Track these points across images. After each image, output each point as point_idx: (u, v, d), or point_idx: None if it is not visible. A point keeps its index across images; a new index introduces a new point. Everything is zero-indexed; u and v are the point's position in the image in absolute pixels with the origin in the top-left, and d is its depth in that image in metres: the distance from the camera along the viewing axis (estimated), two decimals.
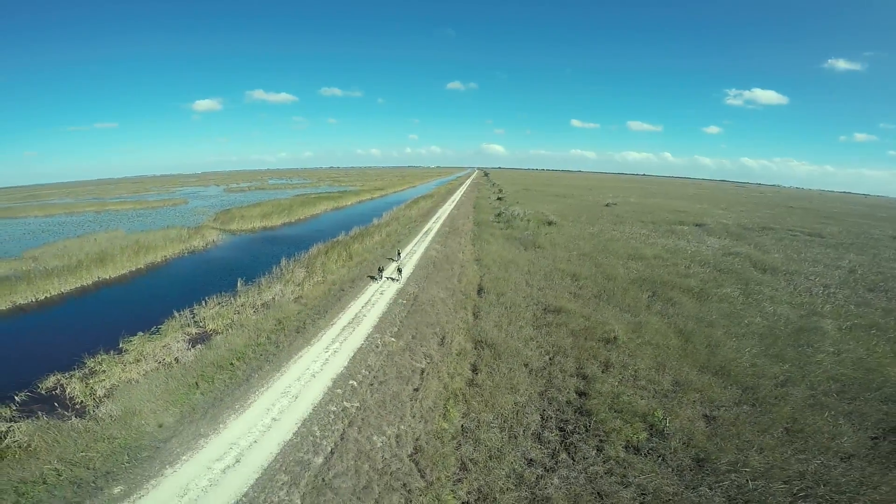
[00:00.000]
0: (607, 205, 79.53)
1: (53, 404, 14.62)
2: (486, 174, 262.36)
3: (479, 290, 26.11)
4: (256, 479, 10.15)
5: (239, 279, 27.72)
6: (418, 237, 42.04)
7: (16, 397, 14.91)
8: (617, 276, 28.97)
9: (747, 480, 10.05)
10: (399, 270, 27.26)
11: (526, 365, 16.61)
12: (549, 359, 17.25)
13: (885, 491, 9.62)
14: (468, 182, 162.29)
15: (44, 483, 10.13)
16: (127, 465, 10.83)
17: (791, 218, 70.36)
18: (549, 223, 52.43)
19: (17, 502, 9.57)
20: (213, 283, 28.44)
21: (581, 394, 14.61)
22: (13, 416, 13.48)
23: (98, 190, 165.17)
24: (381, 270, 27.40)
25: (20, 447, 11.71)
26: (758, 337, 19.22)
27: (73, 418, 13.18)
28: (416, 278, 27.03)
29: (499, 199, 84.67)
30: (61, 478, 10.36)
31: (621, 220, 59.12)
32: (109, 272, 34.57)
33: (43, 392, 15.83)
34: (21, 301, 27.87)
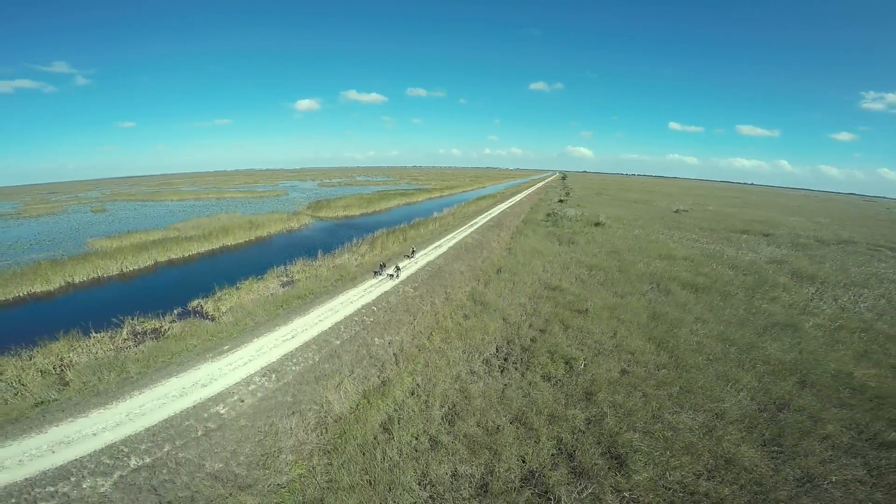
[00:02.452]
0: (676, 211, 77.60)
1: (195, 314, 23.50)
2: (563, 177, 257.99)
3: (498, 270, 31.33)
4: (299, 346, 17.30)
5: (319, 250, 36.45)
6: (462, 228, 48.01)
7: (174, 310, 24.06)
8: (631, 270, 32.01)
9: (606, 410, 13.70)
10: (398, 268, 28.29)
11: (504, 319, 21.81)
12: (526, 318, 22.18)
13: (711, 445, 11.88)
14: (540, 185, 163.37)
15: (186, 350, 18.05)
16: (234, 339, 18.53)
17: (891, 233, 62.67)
18: (597, 224, 54.83)
19: (171, 358, 17.45)
20: (301, 251, 37.40)
21: (533, 340, 19.41)
22: (172, 320, 22.42)
23: (216, 181, 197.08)
24: (409, 257, 32.84)
25: (174, 335, 20.15)
26: (725, 324, 21.66)
27: (207, 321, 21.65)
28: (446, 257, 33.17)
29: (560, 201, 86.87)
30: (196, 346, 18.27)
31: (680, 226, 58.86)
32: (230, 241, 46.32)
33: (189, 308, 24.94)
34: (173, 256, 39.73)
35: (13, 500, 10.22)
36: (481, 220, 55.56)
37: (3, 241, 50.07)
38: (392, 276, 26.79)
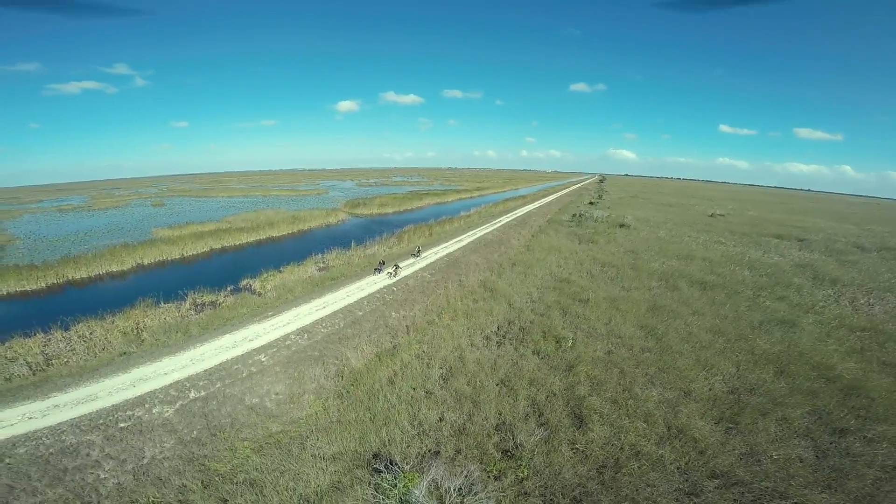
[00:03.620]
0: (711, 215, 75.75)
1: (245, 291, 27.30)
2: (601, 180, 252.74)
3: (512, 264, 33.38)
4: (328, 315, 20.53)
5: (353, 241, 40.16)
6: (486, 226, 50.15)
7: (227, 287, 27.99)
8: (643, 268, 33.03)
9: (581, 379, 15.55)
10: (396, 266, 28.49)
11: (510, 304, 23.96)
12: (530, 304, 24.21)
13: (669, 416, 13.21)
14: (574, 188, 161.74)
15: (237, 316, 21.56)
16: (276, 308, 21.91)
17: None
18: (622, 225, 55.27)
19: (225, 322, 20.93)
20: (337, 243, 41.04)
21: (532, 322, 21.46)
22: (226, 295, 26.27)
23: (263, 179, 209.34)
24: (414, 256, 33.50)
25: (227, 305, 23.85)
26: (721, 318, 22.68)
27: (254, 296, 25.29)
28: (465, 250, 35.58)
29: (591, 203, 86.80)
30: (245, 313, 21.80)
31: (710, 229, 58.00)
32: (275, 233, 51.09)
33: (240, 286, 28.85)
34: (226, 245, 44.67)
35: (101, 421, 13.64)
36: (506, 219, 57.45)
37: (80, 229, 57.70)
38: (391, 274, 27.52)
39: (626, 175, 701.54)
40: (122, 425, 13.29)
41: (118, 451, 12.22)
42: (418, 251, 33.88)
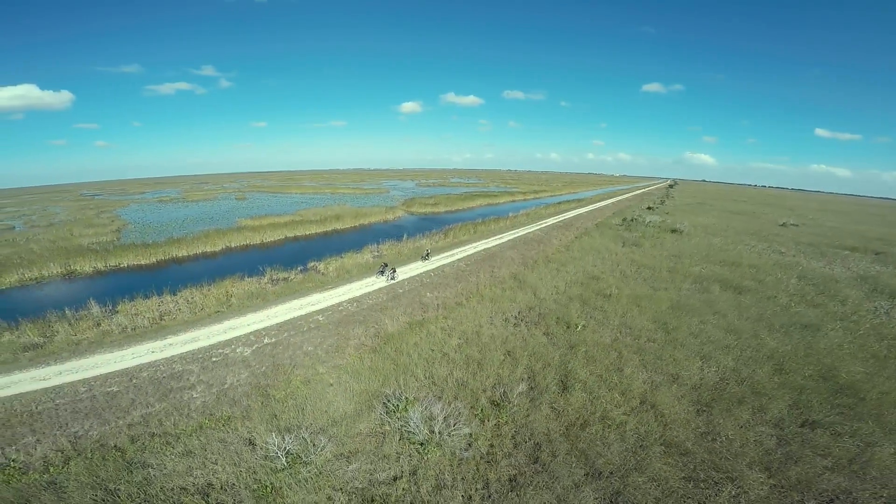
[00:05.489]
0: (782, 224, 70.59)
1: (311, 270, 32.28)
2: (671, 185, 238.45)
3: (548, 261, 35.33)
4: (374, 290, 24.78)
5: (405, 235, 44.40)
6: (530, 226, 52.05)
7: (297, 267, 33.19)
8: (681, 271, 33.36)
9: (578, 356, 17.77)
10: (394, 270, 28.88)
11: (535, 294, 26.28)
12: (554, 295, 26.33)
13: (646, 393, 15.64)
14: (639, 192, 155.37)
15: (304, 288, 26.27)
16: (334, 283, 26.37)
17: None
18: (674, 231, 54.24)
19: (294, 292, 25.66)
20: (391, 236, 45.63)
21: (550, 310, 23.64)
22: (296, 273, 31.36)
23: (331, 178, 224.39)
24: (424, 258, 34.45)
25: (297, 280, 28.78)
26: (742, 319, 23.14)
27: (318, 274, 30.07)
28: (503, 246, 38.15)
29: (649, 208, 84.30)
30: (310, 287, 26.47)
31: (774, 238, 54.75)
32: (339, 226, 57.28)
33: (307, 267, 33.95)
34: (297, 234, 51.22)
35: (200, 356, 18.32)
36: (553, 220, 58.76)
37: (178, 217, 68.81)
38: (390, 279, 28.03)
39: (703, 181, 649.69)
40: (213, 360, 17.95)
41: (208, 378, 16.65)
42: (427, 254, 34.77)
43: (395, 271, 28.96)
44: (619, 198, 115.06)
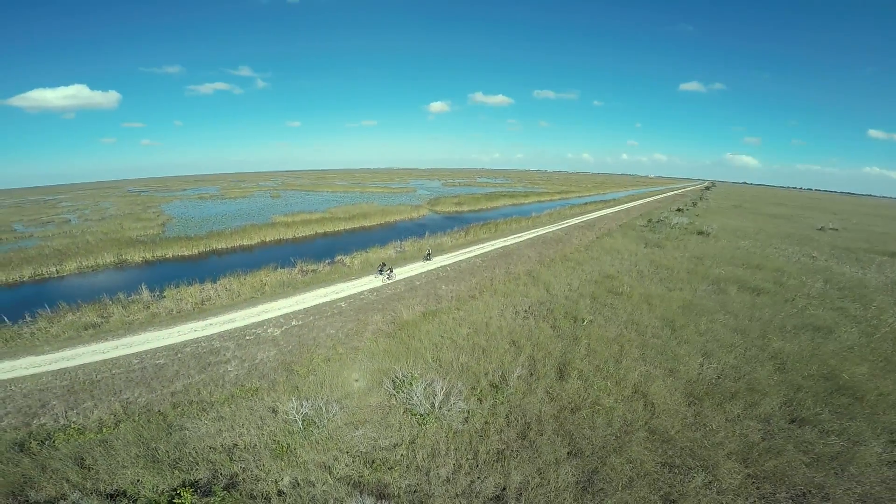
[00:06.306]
0: (821, 228, 67.48)
1: (338, 263, 34.34)
2: (707, 187, 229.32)
3: (565, 259, 35.93)
4: (394, 282, 26.09)
5: (427, 232, 46.07)
6: (552, 226, 52.52)
7: (325, 260, 35.40)
8: (700, 273, 33.19)
9: (580, 347, 18.72)
10: (391, 270, 29.33)
11: (547, 290, 27.16)
12: (566, 292, 27.10)
13: (640, 383, 16.37)
14: (672, 194, 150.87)
15: (330, 279, 28.26)
16: (358, 275, 28.18)
17: None
18: (701, 233, 53.25)
19: (321, 282, 27.71)
20: (414, 233, 47.50)
21: (560, 305, 24.48)
22: (323, 265, 33.50)
23: (361, 177, 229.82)
24: (426, 259, 34.78)
25: (324, 272, 30.86)
26: (753, 320, 23.19)
27: (344, 267, 32.09)
28: (521, 244, 39.02)
29: (678, 210, 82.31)
30: (336, 277, 28.49)
31: (807, 242, 52.73)
32: (366, 223, 59.84)
33: (335, 260, 36.06)
34: (327, 230, 53.95)
35: (236, 335, 20.42)
36: (576, 220, 58.85)
37: (217, 213, 73.50)
38: (388, 278, 28.64)
39: (744, 183, 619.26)
40: (247, 338, 20.04)
41: (242, 354, 18.69)
42: (429, 255, 34.87)
43: (392, 271, 29.41)
44: (650, 199, 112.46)
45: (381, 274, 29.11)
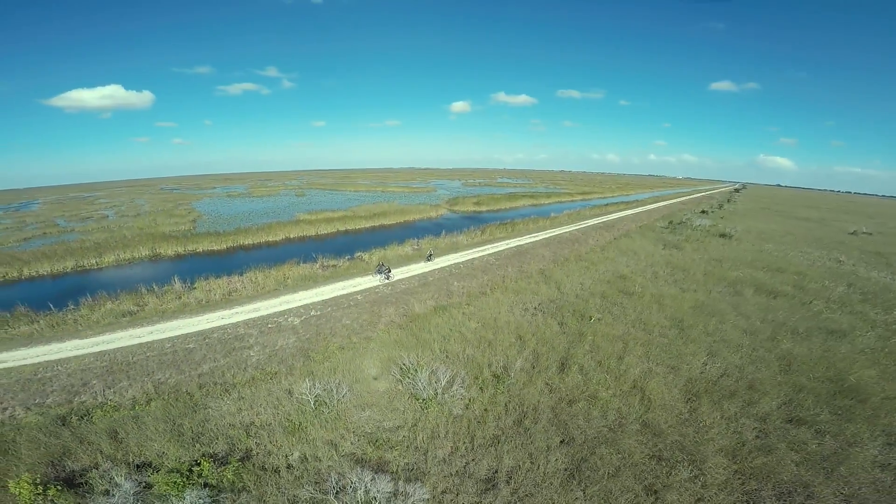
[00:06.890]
0: (853, 233, 64.79)
1: (357, 259, 35.76)
2: (737, 189, 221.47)
3: (579, 259, 36.15)
4: (409, 277, 27.79)
5: (444, 231, 47.05)
6: (569, 226, 52.57)
7: (345, 256, 36.86)
8: (718, 274, 32.84)
9: (584, 343, 19.22)
10: (389, 270, 29.40)
11: (559, 288, 27.62)
12: (577, 291, 27.48)
13: (639, 379, 16.71)
14: (698, 195, 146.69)
15: (349, 273, 29.57)
16: (388, 266, 29.35)
17: None
18: (722, 235, 52.22)
19: (340, 276, 29.04)
20: (431, 232, 48.48)
21: (570, 303, 24.95)
22: (343, 261, 34.96)
23: (383, 176, 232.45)
24: (427, 260, 34.82)
25: (343, 267, 32.27)
26: (765, 322, 23.04)
27: (363, 262, 33.43)
28: (536, 244, 39.46)
29: (702, 211, 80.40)
30: (354, 272, 29.80)
31: (835, 246, 50.82)
32: (386, 221, 61.49)
33: (354, 256, 37.54)
34: (349, 228, 55.79)
35: (259, 323, 21.84)
36: (594, 221, 58.61)
37: (244, 210, 76.66)
38: (386, 277, 28.78)
39: (778, 185, 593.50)
40: (269, 326, 21.42)
41: (264, 341, 20.03)
42: (430, 255, 34.89)
43: (390, 271, 29.36)
44: (674, 201, 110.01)
45: (379, 273, 29.14)
